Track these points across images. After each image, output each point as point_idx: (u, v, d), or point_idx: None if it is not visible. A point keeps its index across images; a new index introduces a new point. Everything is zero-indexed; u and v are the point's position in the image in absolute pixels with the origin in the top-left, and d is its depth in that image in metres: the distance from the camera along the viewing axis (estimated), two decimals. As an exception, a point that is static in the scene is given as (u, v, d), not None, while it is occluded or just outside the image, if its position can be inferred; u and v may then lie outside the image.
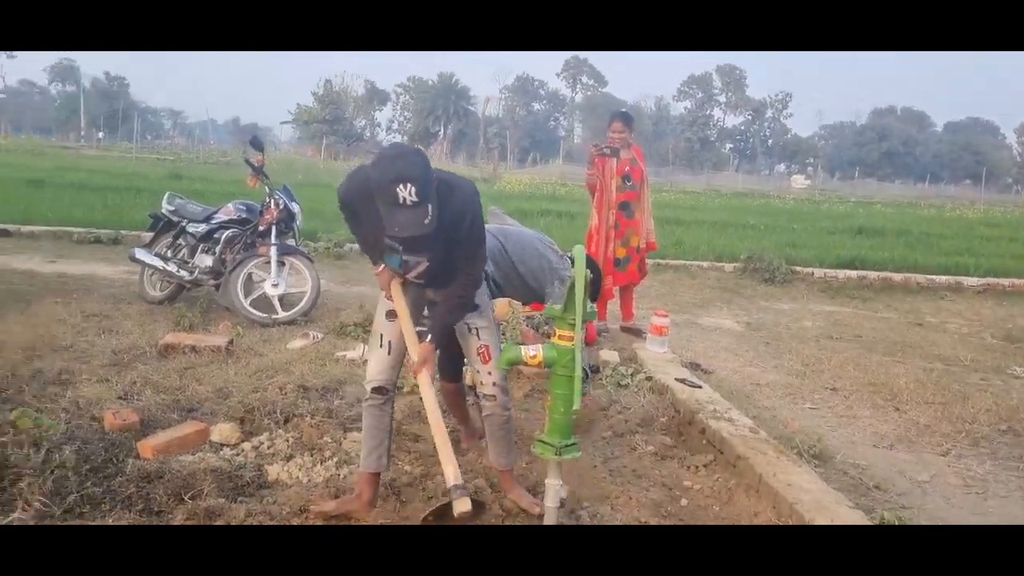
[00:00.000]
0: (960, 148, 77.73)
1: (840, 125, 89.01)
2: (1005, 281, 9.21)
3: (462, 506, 2.38)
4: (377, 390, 2.70)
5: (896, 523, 2.57)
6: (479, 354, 2.75)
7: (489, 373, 2.74)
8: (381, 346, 2.71)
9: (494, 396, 2.75)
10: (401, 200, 2.18)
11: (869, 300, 8.21)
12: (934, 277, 9.33)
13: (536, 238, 3.54)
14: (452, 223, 2.41)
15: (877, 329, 6.59)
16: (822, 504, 2.55)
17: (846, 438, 3.78)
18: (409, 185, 2.17)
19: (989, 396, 4.52)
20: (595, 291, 3.66)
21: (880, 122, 79.74)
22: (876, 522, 2.54)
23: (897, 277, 9.23)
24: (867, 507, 2.73)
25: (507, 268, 3.40)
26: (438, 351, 2.82)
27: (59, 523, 2.43)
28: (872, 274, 9.27)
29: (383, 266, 2.65)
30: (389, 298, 2.67)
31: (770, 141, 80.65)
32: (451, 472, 2.46)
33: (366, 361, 2.87)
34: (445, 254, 2.54)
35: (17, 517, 2.41)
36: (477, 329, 2.76)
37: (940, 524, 2.79)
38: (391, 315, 2.69)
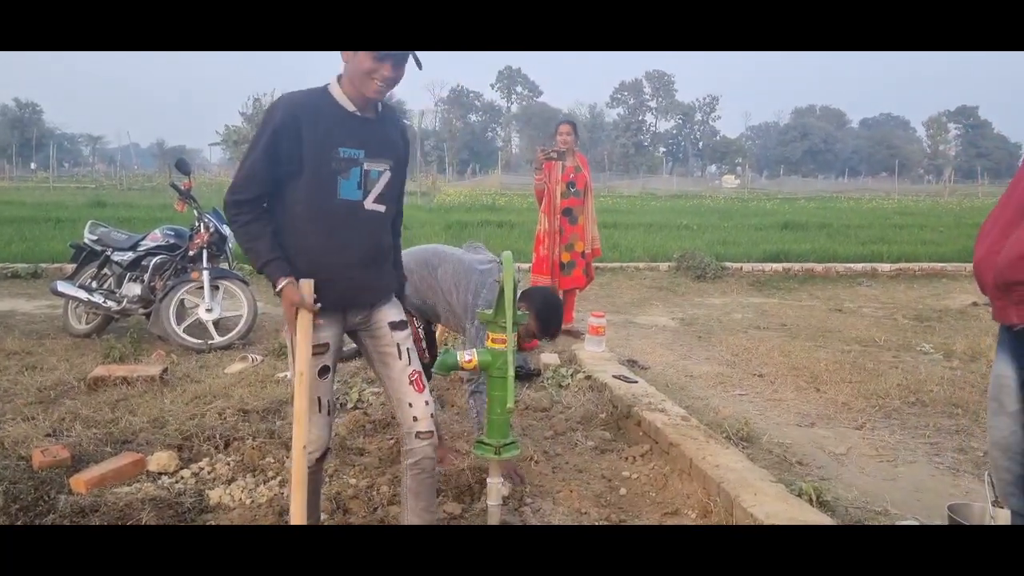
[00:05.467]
0: (876, 143, 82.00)
1: (765, 125, 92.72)
2: (915, 266, 9.88)
3: None
4: (322, 457, 2.33)
5: (814, 494, 2.75)
6: (412, 382, 2.28)
7: (427, 403, 2.29)
8: (321, 410, 2.25)
9: (431, 432, 2.28)
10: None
11: (793, 290, 8.62)
12: (852, 265, 9.91)
13: (476, 274, 3.07)
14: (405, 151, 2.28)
15: (800, 317, 6.93)
16: (747, 481, 2.71)
17: (772, 420, 3.99)
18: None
19: (900, 372, 4.84)
20: (555, 331, 3.14)
21: (801, 121, 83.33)
22: (796, 493, 2.70)
23: (818, 267, 9.74)
24: (788, 481, 2.90)
25: (429, 296, 3.18)
26: None
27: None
28: (796, 266, 9.76)
29: (287, 280, 2.06)
30: (300, 316, 2.06)
31: (700, 144, 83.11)
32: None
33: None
34: (400, 176, 2.26)
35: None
36: (408, 351, 2.30)
37: (856, 494, 3.00)
38: (324, 372, 2.23)
